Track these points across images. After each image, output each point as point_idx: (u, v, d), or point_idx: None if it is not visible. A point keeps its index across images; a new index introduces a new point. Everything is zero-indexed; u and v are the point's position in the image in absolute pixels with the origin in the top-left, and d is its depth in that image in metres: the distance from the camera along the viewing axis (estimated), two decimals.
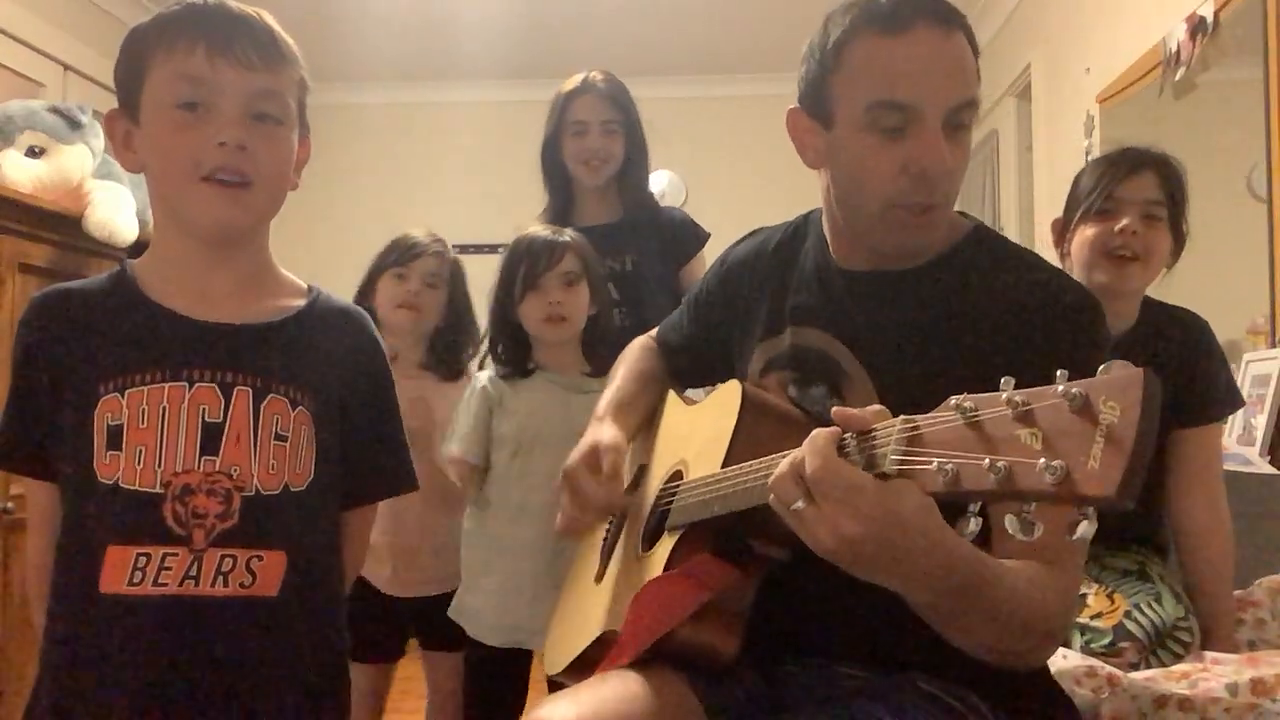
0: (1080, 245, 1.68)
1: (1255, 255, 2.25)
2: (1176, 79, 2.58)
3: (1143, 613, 1.48)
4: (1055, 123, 3.59)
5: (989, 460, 0.67)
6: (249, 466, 1.08)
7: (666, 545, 1.12)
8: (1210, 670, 1.31)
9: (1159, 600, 1.52)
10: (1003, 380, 0.70)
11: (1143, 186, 1.65)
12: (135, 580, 1.04)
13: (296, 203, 1.20)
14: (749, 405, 1.12)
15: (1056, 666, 1.25)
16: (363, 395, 1.20)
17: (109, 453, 1.05)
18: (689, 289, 1.51)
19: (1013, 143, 4.15)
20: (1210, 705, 1.23)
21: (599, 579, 1.31)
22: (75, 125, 2.54)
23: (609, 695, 1.01)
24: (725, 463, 1.07)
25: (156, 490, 1.05)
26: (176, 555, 1.05)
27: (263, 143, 1.08)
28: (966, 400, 0.71)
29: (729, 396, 1.16)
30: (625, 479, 1.28)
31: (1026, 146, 3.96)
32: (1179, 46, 2.56)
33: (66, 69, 3.72)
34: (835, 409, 0.82)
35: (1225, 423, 1.94)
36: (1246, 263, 2.30)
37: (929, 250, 1.13)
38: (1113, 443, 0.61)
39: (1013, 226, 4.05)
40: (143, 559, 1.04)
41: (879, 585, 0.85)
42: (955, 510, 0.74)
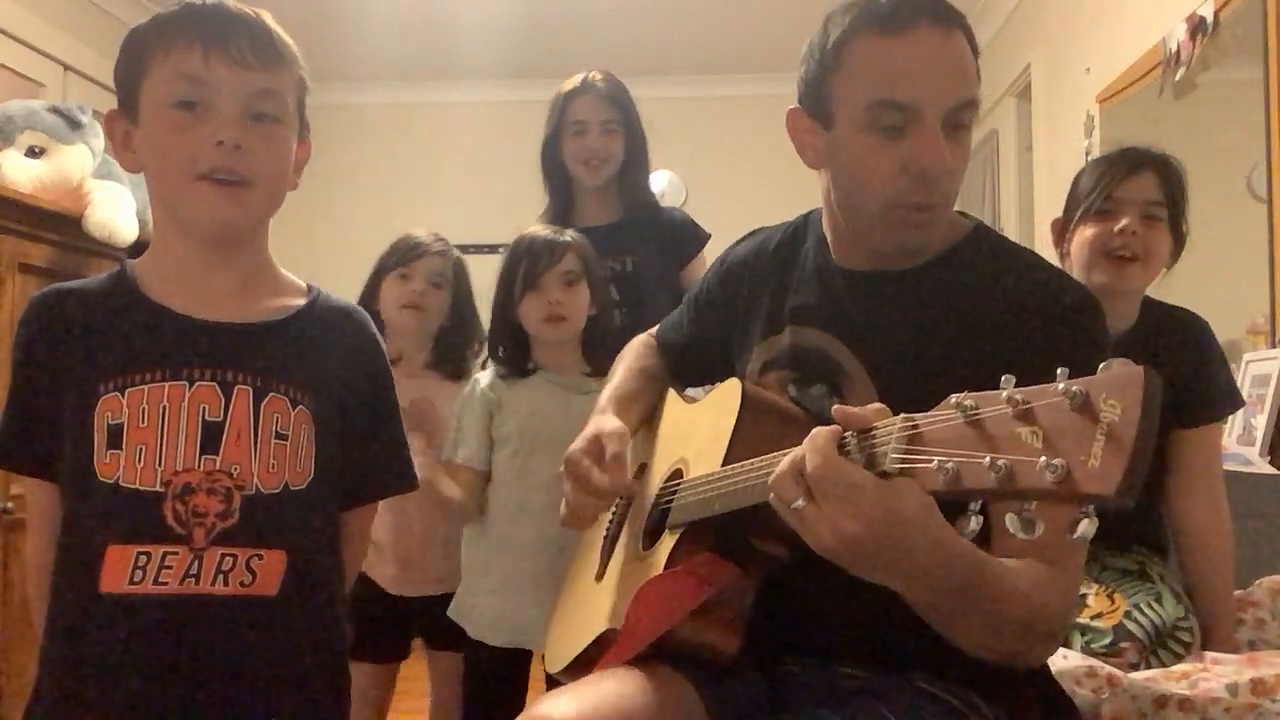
0: (1080, 245, 1.68)
1: (1255, 255, 2.25)
2: (1176, 79, 2.58)
3: (1143, 613, 1.48)
4: (1055, 123, 3.59)
5: (989, 458, 0.67)
6: (249, 465, 1.08)
7: (667, 544, 1.12)
8: (1210, 670, 1.31)
9: (1159, 600, 1.51)
10: (1003, 379, 0.70)
11: (1142, 187, 1.65)
12: (136, 579, 1.04)
13: (296, 203, 1.20)
14: (749, 404, 1.12)
15: (1057, 667, 1.25)
16: (363, 395, 1.20)
17: (109, 452, 1.05)
18: (689, 288, 1.51)
19: (1013, 143, 4.15)
20: (1210, 705, 1.23)
21: (599, 578, 1.31)
22: (75, 125, 2.54)
23: (609, 691, 1.01)
24: (725, 461, 1.07)
25: (157, 489, 1.05)
26: (177, 554, 1.04)
27: (260, 142, 1.08)
28: (967, 399, 0.71)
29: (729, 395, 1.16)
30: (628, 470, 1.27)
31: (1026, 146, 3.96)
32: (1179, 46, 2.56)
33: (66, 69, 3.72)
34: (836, 407, 0.82)
35: (1225, 423, 1.94)
36: (1246, 263, 2.30)
37: (929, 250, 1.13)
38: (1113, 441, 0.61)
39: (1013, 226, 4.05)
40: (143, 558, 1.04)
41: (879, 585, 0.85)
42: (956, 509, 0.74)
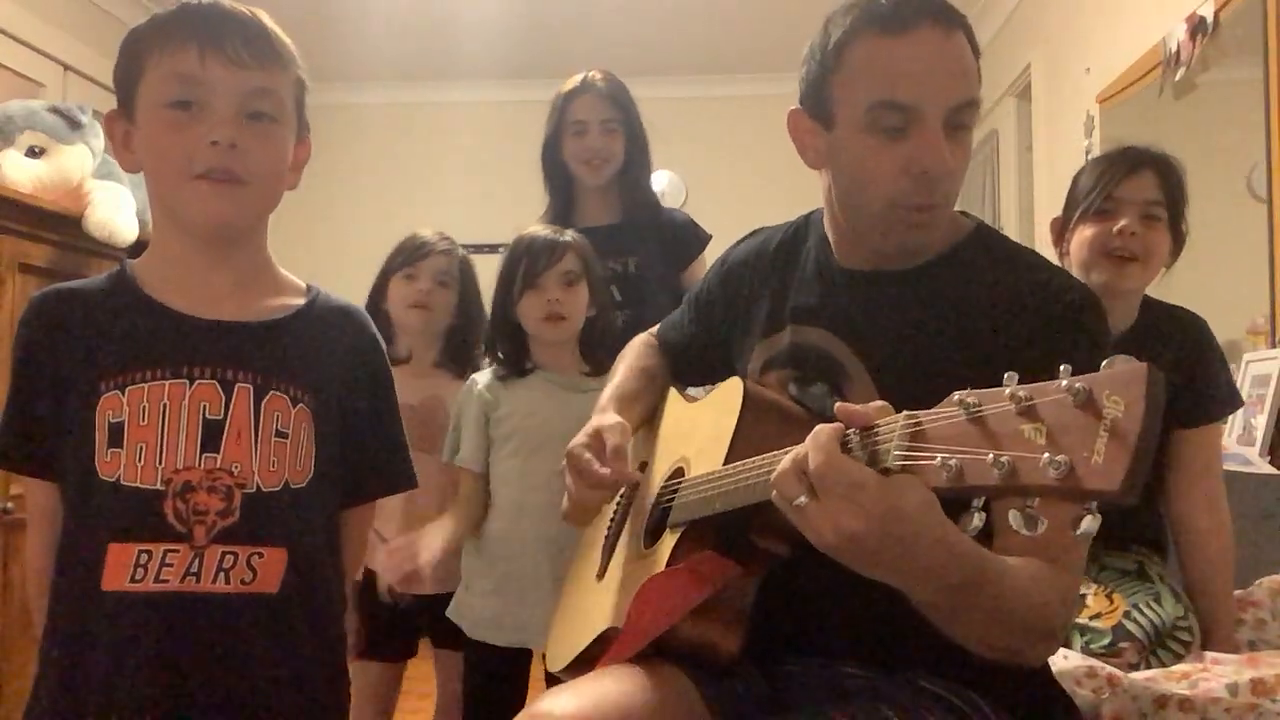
0: (1079, 245, 1.68)
1: (1255, 255, 2.25)
2: (1176, 79, 2.58)
3: (1142, 613, 1.48)
4: (1055, 123, 3.59)
5: (992, 455, 0.67)
6: (250, 463, 1.08)
7: (669, 542, 1.12)
8: (1210, 670, 1.31)
9: (1158, 600, 1.51)
10: (1006, 376, 0.70)
11: (1142, 187, 1.65)
12: (137, 577, 1.04)
13: (296, 203, 1.20)
14: (750, 402, 1.12)
15: (1057, 667, 1.25)
16: (362, 393, 1.20)
17: (110, 450, 1.05)
18: (690, 289, 1.51)
19: (1013, 143, 4.15)
20: (1210, 705, 1.23)
21: (600, 576, 1.31)
22: (75, 125, 2.53)
23: (610, 689, 1.01)
24: (727, 460, 1.07)
25: (157, 487, 1.05)
26: (177, 552, 1.05)
27: (256, 141, 1.08)
28: (970, 396, 0.71)
29: (730, 394, 1.16)
30: (629, 463, 1.27)
31: (1026, 146, 3.96)
32: (1179, 46, 2.56)
33: (66, 69, 3.72)
34: (838, 405, 0.82)
35: (1225, 423, 1.94)
36: (1246, 263, 2.30)
37: (930, 250, 1.13)
38: (1116, 437, 0.61)
39: (1013, 226, 4.05)
40: (144, 556, 1.04)
41: (881, 583, 0.85)
42: (958, 507, 0.74)
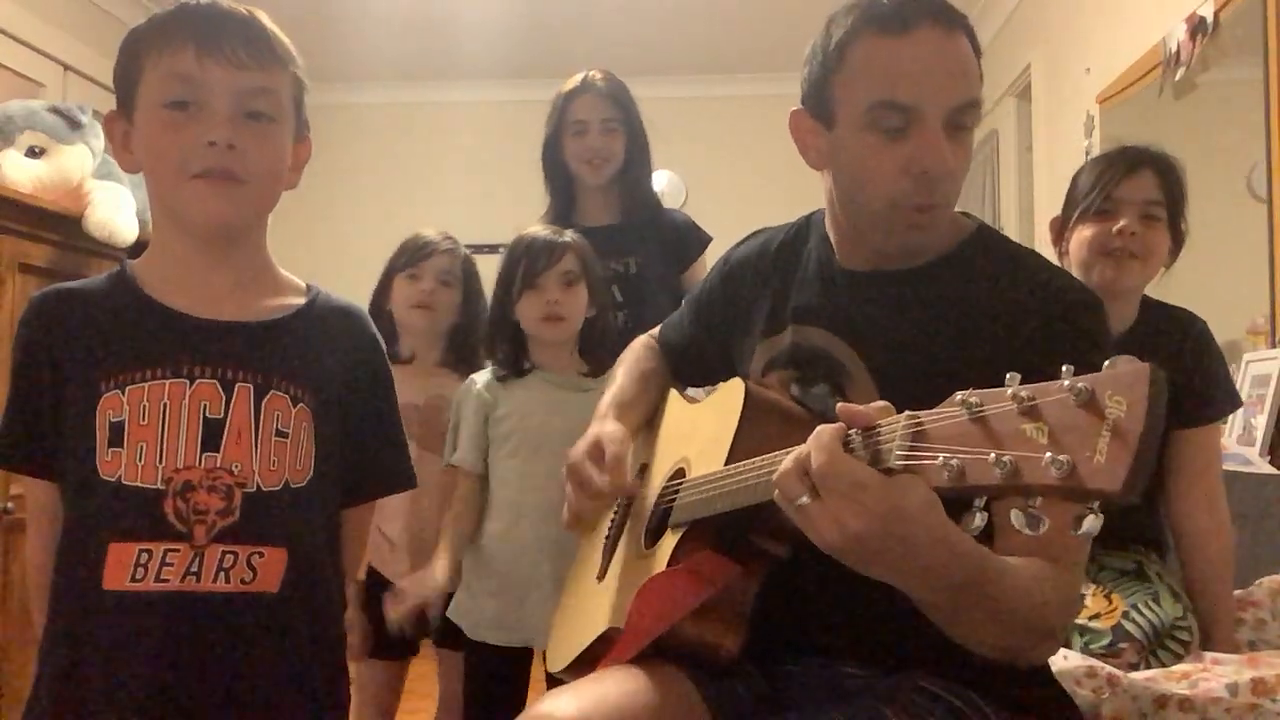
0: (1078, 245, 1.67)
1: (1255, 255, 2.25)
2: (1176, 79, 2.58)
3: (1141, 613, 1.48)
4: (1055, 123, 3.59)
5: (994, 455, 0.67)
6: (250, 463, 1.08)
7: (669, 542, 1.12)
8: (1210, 670, 1.31)
9: (1157, 600, 1.51)
10: (1008, 376, 0.70)
11: (1141, 187, 1.64)
12: (137, 577, 1.04)
13: (296, 203, 1.20)
14: (752, 403, 1.12)
15: (1057, 667, 1.25)
16: (362, 393, 1.20)
17: (110, 450, 1.05)
18: (691, 289, 1.51)
19: (1013, 143, 4.15)
20: (1211, 705, 1.23)
21: (601, 577, 1.31)
22: (75, 125, 2.54)
23: (610, 690, 1.01)
24: (728, 460, 1.07)
25: (158, 487, 1.05)
26: (178, 551, 1.05)
27: (254, 141, 1.08)
28: (972, 396, 0.71)
29: (732, 395, 1.16)
30: (628, 471, 1.27)
31: (1026, 146, 3.97)
32: (1179, 46, 2.56)
33: (66, 69, 3.72)
34: (840, 405, 0.82)
35: (1225, 423, 1.93)
36: (1246, 263, 2.30)
37: (931, 250, 1.13)
38: (1119, 437, 0.61)
39: (1013, 226, 4.05)
40: (144, 555, 1.04)
41: (881, 583, 0.85)
42: (959, 507, 0.74)
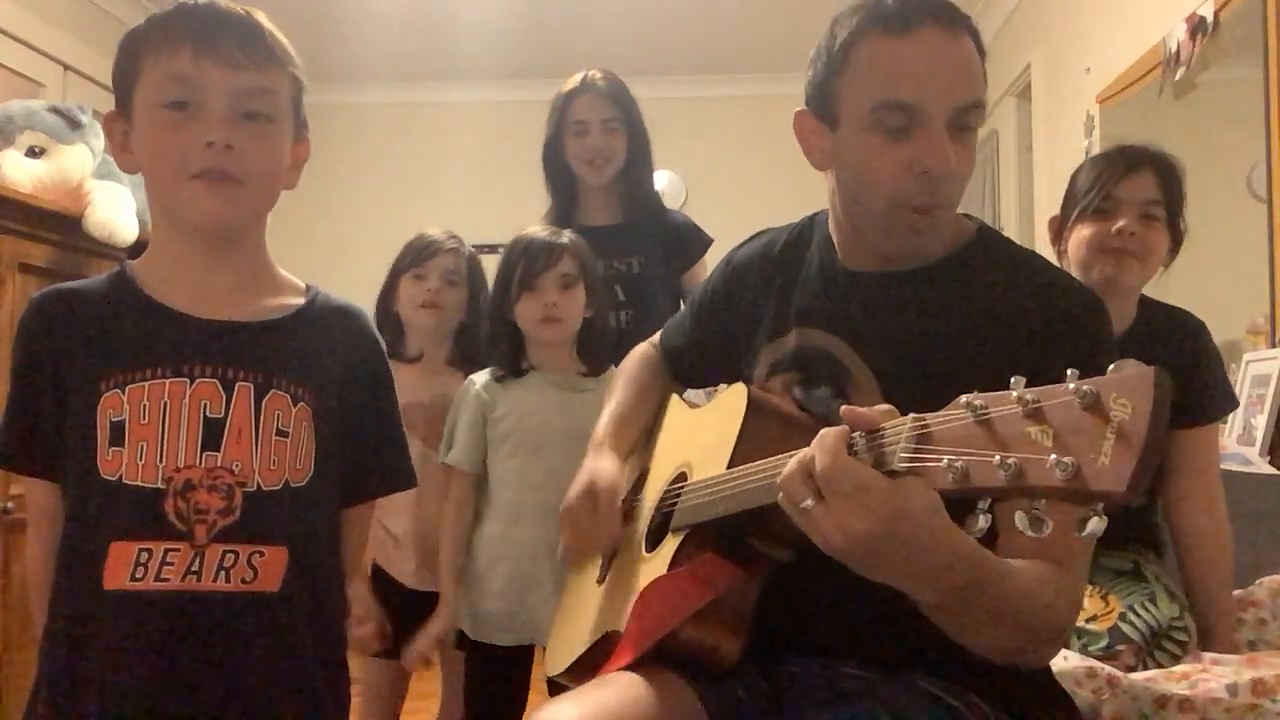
0: (1077, 244, 1.67)
1: (1255, 255, 2.25)
2: (1176, 79, 2.58)
3: (1138, 614, 1.48)
4: (1055, 123, 3.59)
5: (999, 457, 0.67)
6: (250, 462, 1.08)
7: (671, 545, 1.12)
8: (1210, 671, 1.31)
9: (1154, 600, 1.51)
10: (1013, 379, 0.70)
11: (1141, 186, 1.64)
12: (138, 576, 1.04)
13: (296, 203, 1.20)
14: (754, 408, 1.12)
15: (1057, 668, 1.25)
16: (362, 393, 1.20)
17: (111, 449, 1.05)
18: (692, 291, 1.51)
19: (1013, 143, 4.15)
20: (1210, 706, 1.23)
21: (601, 580, 1.30)
22: (75, 125, 2.53)
23: (610, 698, 1.01)
24: (730, 464, 1.07)
25: (158, 486, 1.05)
26: (178, 551, 1.05)
27: (252, 141, 1.08)
28: (976, 399, 0.71)
29: (734, 399, 1.16)
30: (619, 520, 1.29)
31: (1026, 146, 3.97)
32: (1179, 46, 2.56)
33: (66, 69, 3.72)
34: (844, 408, 0.82)
35: (1222, 423, 1.93)
36: (1246, 263, 2.30)
37: (934, 252, 1.13)
38: (1123, 439, 0.62)
39: (1013, 226, 4.05)
40: (145, 555, 1.04)
41: (882, 585, 0.85)
42: (963, 510, 0.74)
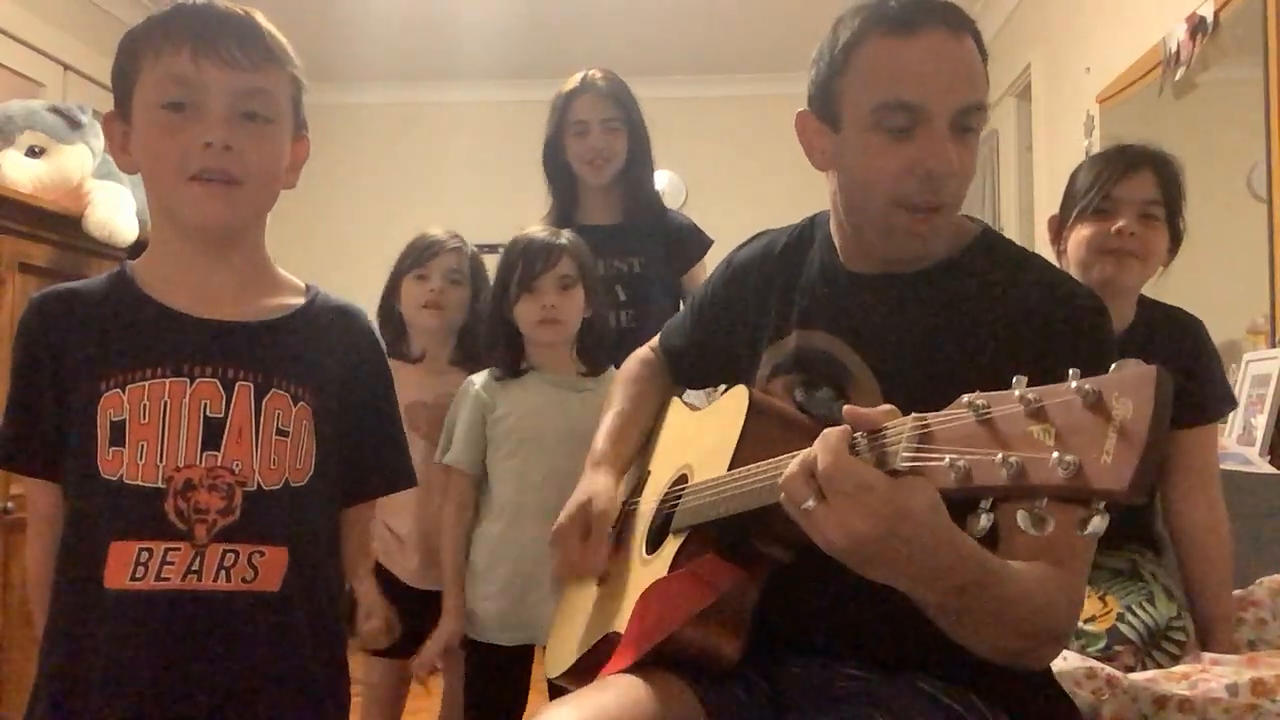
0: (1077, 244, 1.67)
1: (1255, 255, 2.25)
2: (1176, 79, 2.58)
3: (1136, 615, 1.47)
4: (1055, 123, 3.59)
5: (1001, 456, 0.67)
6: (250, 462, 1.08)
7: (671, 547, 1.12)
8: (1210, 671, 1.31)
9: (1152, 600, 1.50)
10: (1015, 379, 0.70)
11: (1140, 186, 1.63)
12: (138, 575, 1.04)
13: (296, 203, 1.20)
14: (755, 410, 1.12)
15: (1057, 668, 1.25)
16: (362, 392, 1.20)
17: (111, 449, 1.05)
18: (693, 292, 1.51)
19: (1013, 143, 4.15)
20: (1210, 706, 1.23)
21: (601, 582, 1.30)
22: (75, 125, 2.53)
23: (610, 701, 1.01)
24: (731, 466, 1.07)
25: (159, 486, 1.05)
26: (179, 550, 1.05)
27: (251, 142, 1.08)
28: (979, 398, 0.71)
29: (735, 401, 1.15)
30: (608, 548, 1.28)
31: (1026, 146, 3.97)
32: (1179, 46, 2.56)
33: (66, 69, 3.72)
34: (846, 408, 0.82)
35: (1221, 423, 1.93)
36: (1246, 263, 2.30)
37: (935, 254, 1.13)
38: (1125, 438, 0.62)
39: (1013, 226, 4.05)
40: (145, 554, 1.04)
41: (881, 585, 0.85)
42: (964, 510, 0.74)
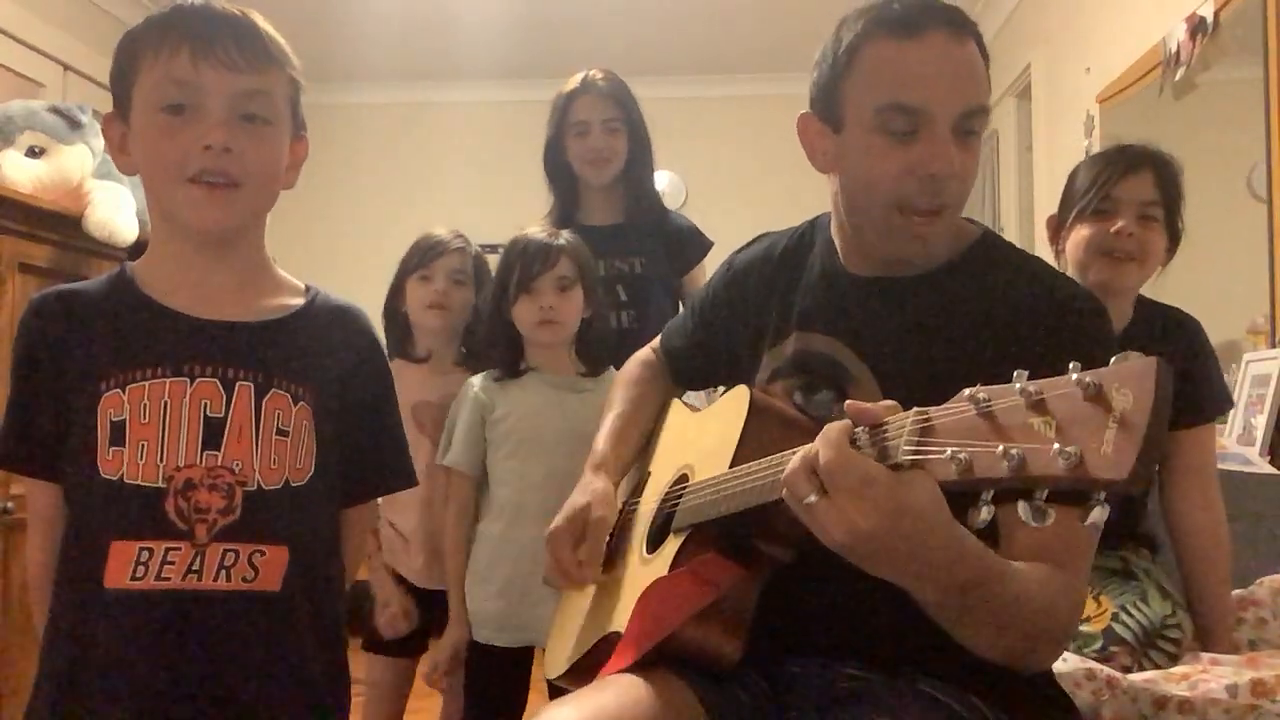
0: (1075, 245, 1.66)
1: (1255, 255, 2.25)
2: (1176, 79, 2.58)
3: (1130, 614, 1.47)
4: (1055, 123, 3.59)
5: (1002, 448, 0.67)
6: (251, 462, 1.08)
7: (672, 546, 1.11)
8: (1210, 671, 1.31)
9: (1145, 599, 1.50)
10: (1015, 374, 0.70)
11: (1139, 187, 1.63)
12: (138, 575, 1.04)
13: (296, 203, 1.20)
14: (756, 410, 1.12)
15: (1057, 669, 1.25)
16: (361, 392, 1.20)
17: (112, 449, 1.05)
18: (693, 293, 1.51)
19: (1013, 143, 4.15)
20: (1210, 707, 1.23)
21: (601, 582, 1.30)
22: (75, 125, 2.53)
23: (610, 700, 1.01)
24: (732, 465, 1.07)
25: (159, 485, 1.05)
26: (179, 550, 1.05)
27: (250, 143, 1.08)
28: (980, 391, 0.71)
29: (736, 402, 1.16)
30: (601, 556, 1.28)
31: (1026, 146, 3.97)
32: (1179, 46, 2.56)
33: (66, 69, 3.72)
34: (848, 402, 0.83)
35: (1223, 422, 1.93)
36: (1246, 263, 2.30)
37: (936, 256, 1.13)
38: (1125, 428, 0.62)
39: (1013, 226, 4.05)
40: (145, 554, 1.04)
41: (882, 584, 0.85)
42: (965, 505, 0.74)
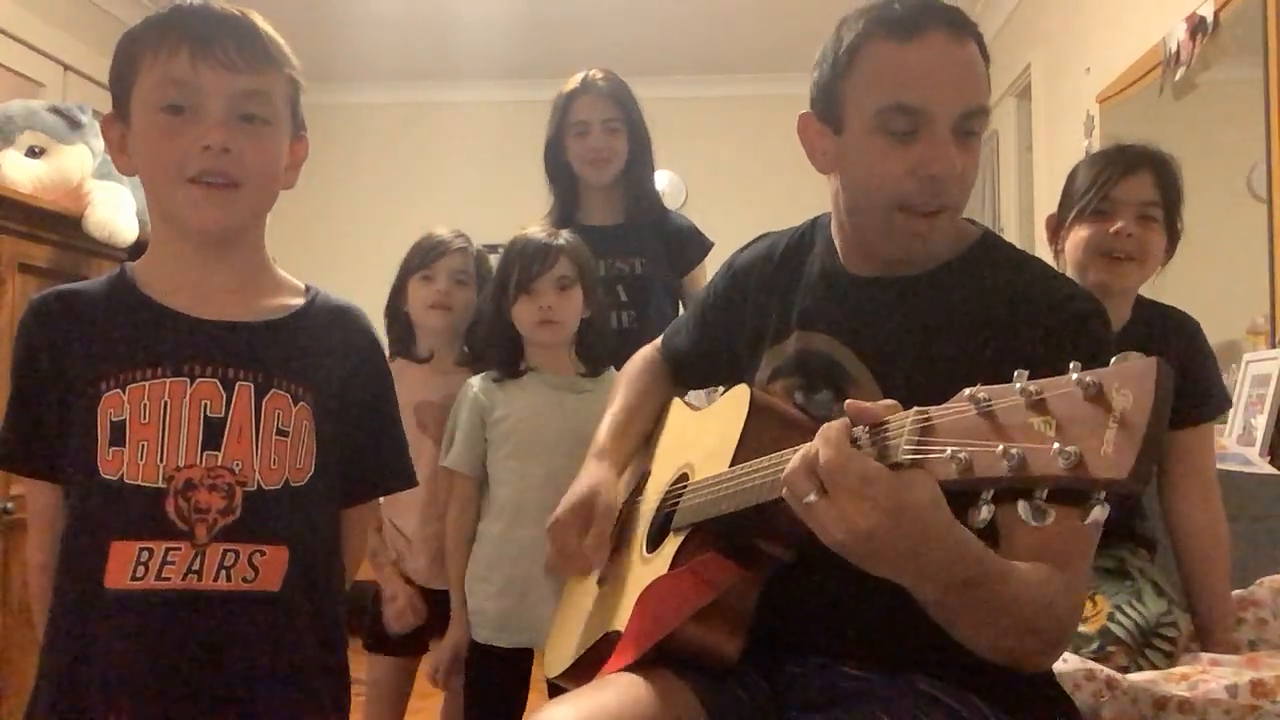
0: (1074, 245, 1.66)
1: (1255, 255, 2.25)
2: (1176, 79, 2.58)
3: (1125, 614, 1.47)
4: (1055, 123, 3.59)
5: (1002, 447, 0.67)
6: (251, 462, 1.08)
7: (672, 545, 1.12)
8: (1210, 672, 1.31)
9: (1140, 598, 1.50)
10: (1016, 373, 0.70)
11: (1139, 187, 1.63)
12: (138, 575, 1.04)
13: (296, 202, 1.20)
14: (756, 409, 1.12)
15: (1057, 669, 1.25)
16: (362, 392, 1.20)
17: (112, 449, 1.05)
18: (694, 293, 1.51)
19: (1013, 143, 4.15)
20: (1210, 707, 1.23)
21: (601, 581, 1.31)
22: (75, 125, 2.53)
23: (610, 700, 1.01)
24: (732, 464, 1.07)
25: (159, 485, 1.05)
26: (179, 550, 1.05)
27: (249, 143, 1.08)
28: (980, 391, 0.71)
29: (736, 401, 1.16)
30: (609, 544, 1.28)
31: (1026, 146, 3.97)
32: (1179, 46, 2.56)
33: (66, 69, 3.72)
34: (848, 402, 0.83)
35: (1222, 422, 1.93)
36: (1246, 263, 2.30)
37: (936, 256, 1.13)
38: (1125, 428, 0.62)
39: (1013, 226, 4.06)
40: (146, 554, 1.04)
41: (882, 584, 0.85)
42: (965, 504, 0.74)
